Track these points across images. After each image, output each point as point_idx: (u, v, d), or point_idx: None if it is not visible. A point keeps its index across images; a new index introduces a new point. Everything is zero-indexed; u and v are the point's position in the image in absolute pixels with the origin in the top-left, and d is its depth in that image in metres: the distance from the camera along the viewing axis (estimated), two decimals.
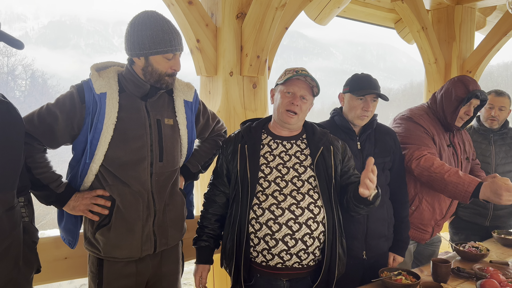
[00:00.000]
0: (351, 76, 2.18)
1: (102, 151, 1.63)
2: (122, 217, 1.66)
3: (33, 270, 1.44)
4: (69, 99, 1.64)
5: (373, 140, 2.15)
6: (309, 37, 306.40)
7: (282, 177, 1.72)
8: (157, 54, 1.61)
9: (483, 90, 2.34)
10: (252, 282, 1.74)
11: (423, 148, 2.24)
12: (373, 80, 2.09)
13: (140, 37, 1.60)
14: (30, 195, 1.52)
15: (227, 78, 2.66)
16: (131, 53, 1.65)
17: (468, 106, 2.34)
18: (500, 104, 2.76)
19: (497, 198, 1.97)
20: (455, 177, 2.08)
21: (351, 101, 2.09)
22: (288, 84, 1.77)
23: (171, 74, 1.68)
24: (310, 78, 1.75)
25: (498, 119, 2.78)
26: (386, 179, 2.16)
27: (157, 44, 1.60)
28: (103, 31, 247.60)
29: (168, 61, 1.65)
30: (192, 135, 1.88)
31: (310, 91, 1.78)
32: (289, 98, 1.76)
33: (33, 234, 1.48)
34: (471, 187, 2.03)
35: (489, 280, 1.79)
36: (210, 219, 1.87)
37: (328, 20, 4.35)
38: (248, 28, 2.64)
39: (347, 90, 2.12)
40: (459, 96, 2.32)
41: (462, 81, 2.34)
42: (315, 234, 1.67)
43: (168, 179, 1.76)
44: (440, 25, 4.44)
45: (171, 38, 1.62)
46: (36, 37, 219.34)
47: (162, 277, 1.84)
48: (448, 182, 2.08)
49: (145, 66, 1.65)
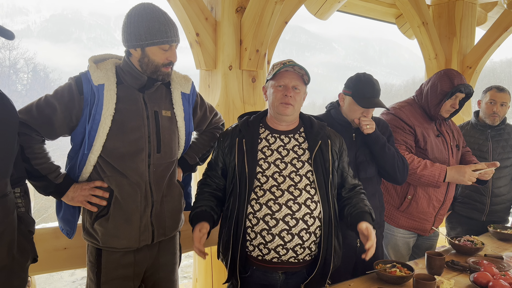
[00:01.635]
0: (354, 76, 2.17)
1: (100, 142, 1.65)
2: (120, 207, 1.69)
3: (29, 259, 1.46)
4: (67, 91, 1.65)
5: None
6: (311, 32, 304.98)
7: (280, 172, 1.73)
8: (153, 45, 1.63)
9: (468, 84, 2.39)
10: (248, 274, 1.76)
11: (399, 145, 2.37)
12: (376, 86, 2.10)
13: (137, 28, 1.62)
14: (26, 186, 1.54)
15: (226, 72, 2.67)
16: (128, 44, 1.66)
17: (454, 99, 2.41)
18: (502, 100, 2.77)
19: (461, 177, 2.31)
20: (426, 170, 2.32)
21: (352, 105, 2.12)
22: (278, 78, 1.77)
23: (168, 65, 1.69)
24: (298, 67, 1.75)
25: (499, 115, 2.80)
26: (377, 168, 2.22)
27: (153, 35, 1.61)
28: (105, 25, 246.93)
29: (165, 52, 1.66)
30: (190, 127, 1.89)
31: (301, 80, 1.79)
32: (282, 91, 1.76)
33: (30, 224, 1.50)
34: (441, 176, 2.32)
35: (482, 272, 1.82)
36: (204, 193, 1.83)
37: (329, 14, 4.34)
38: (248, 22, 2.64)
39: (349, 94, 2.12)
40: (444, 90, 2.38)
41: (448, 75, 2.39)
42: (312, 229, 1.68)
43: (165, 170, 1.78)
44: (441, 20, 4.43)
45: (167, 29, 1.63)
46: (38, 30, 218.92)
47: (160, 267, 1.86)
48: (421, 176, 2.33)
49: (142, 57, 1.66)
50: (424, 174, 2.31)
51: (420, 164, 2.33)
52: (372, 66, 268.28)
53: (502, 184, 2.84)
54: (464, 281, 1.90)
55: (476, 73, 4.34)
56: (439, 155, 2.43)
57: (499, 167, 2.81)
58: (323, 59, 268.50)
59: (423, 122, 2.46)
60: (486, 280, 1.76)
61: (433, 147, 2.42)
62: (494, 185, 2.81)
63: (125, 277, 1.75)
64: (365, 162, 2.15)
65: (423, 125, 2.44)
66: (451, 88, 2.35)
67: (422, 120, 2.46)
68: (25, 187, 1.52)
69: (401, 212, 2.49)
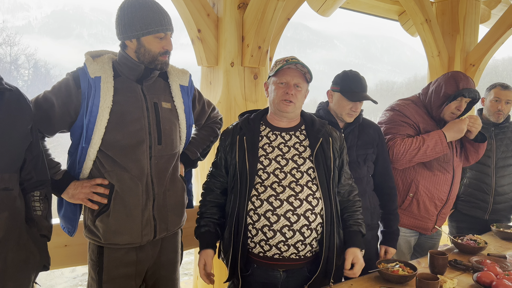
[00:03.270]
0: (341, 73, 2.20)
1: (99, 135, 1.63)
2: (122, 202, 1.67)
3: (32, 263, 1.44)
4: (64, 86, 1.65)
5: (357, 132, 2.21)
6: (313, 29, 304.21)
7: (281, 169, 1.72)
8: (148, 35, 1.63)
9: (475, 89, 2.34)
10: (249, 272, 1.75)
11: (397, 136, 2.36)
12: (363, 82, 2.14)
13: (131, 19, 1.62)
14: (49, 191, 1.55)
15: (228, 68, 2.65)
16: (123, 36, 1.66)
17: (459, 101, 2.36)
18: (507, 98, 2.74)
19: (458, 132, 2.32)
20: (427, 142, 2.30)
21: (340, 100, 2.14)
22: (280, 75, 1.76)
23: (164, 53, 1.69)
24: (301, 65, 1.74)
25: (504, 112, 2.77)
26: (369, 170, 2.23)
27: (147, 25, 1.61)
28: (106, 21, 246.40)
29: (160, 41, 1.66)
30: (190, 120, 1.89)
31: (303, 78, 1.78)
32: (283, 88, 1.75)
33: (43, 228, 1.50)
34: (442, 139, 2.30)
35: (485, 272, 1.80)
36: (208, 205, 1.86)
37: (331, 11, 4.31)
38: (250, 19, 2.62)
39: (337, 90, 2.15)
40: (447, 93, 2.34)
41: (455, 78, 2.35)
42: (313, 225, 1.68)
43: (167, 163, 1.77)
44: (444, 18, 4.39)
45: (161, 17, 1.63)
46: (39, 26, 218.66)
47: (161, 266, 1.85)
48: (426, 149, 2.30)
49: (138, 48, 1.66)
50: (429, 145, 2.28)
51: (418, 140, 2.31)
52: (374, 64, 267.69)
53: (505, 183, 2.82)
54: (467, 281, 1.89)
55: (480, 71, 4.31)
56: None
57: (501, 166, 2.80)
58: (324, 56, 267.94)
59: (428, 119, 2.44)
60: (489, 280, 1.75)
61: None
62: (497, 184, 2.79)
63: (127, 275, 1.73)
64: (355, 162, 2.16)
65: (427, 123, 2.42)
66: (455, 91, 2.32)
67: (426, 117, 2.44)
68: (47, 191, 1.53)
69: (402, 210, 2.48)
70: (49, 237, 1.54)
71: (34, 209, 1.47)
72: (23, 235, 1.41)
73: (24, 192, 1.47)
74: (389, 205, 2.28)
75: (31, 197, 1.48)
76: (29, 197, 1.48)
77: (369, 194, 2.23)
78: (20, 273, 1.40)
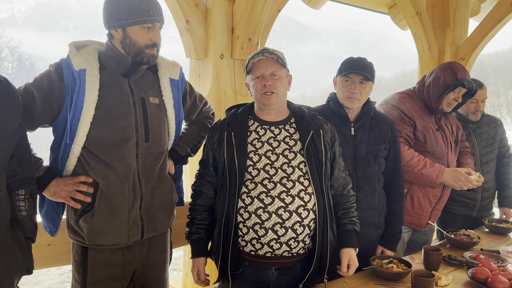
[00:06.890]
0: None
1: (83, 131, 1.55)
2: (107, 201, 1.60)
3: (15, 267, 1.35)
4: (46, 78, 1.56)
5: (368, 127, 2.10)
6: (302, 23, 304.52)
7: (271, 164, 1.67)
8: (134, 25, 1.55)
9: (472, 80, 2.34)
10: (239, 271, 1.71)
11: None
12: (363, 62, 2.02)
13: (117, 7, 1.53)
14: (34, 189, 1.47)
15: (218, 61, 2.58)
16: (109, 25, 1.58)
17: (458, 92, 2.37)
18: (483, 97, 2.78)
19: (454, 183, 2.29)
20: (425, 170, 2.29)
21: (340, 83, 2.08)
22: (254, 70, 1.72)
23: (151, 46, 1.60)
24: (268, 53, 1.69)
25: (481, 110, 2.81)
26: (380, 167, 2.11)
27: (134, 14, 1.53)
28: (92, 14, 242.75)
29: (147, 32, 1.57)
30: (180, 115, 1.81)
31: (278, 64, 1.72)
32: (260, 81, 1.71)
33: (29, 230, 1.41)
34: (439, 178, 2.29)
35: (480, 268, 1.79)
36: (198, 210, 1.80)
37: (322, 4, 4.26)
38: (240, 9, 2.56)
39: (339, 73, 2.09)
40: (447, 83, 2.34)
41: (452, 68, 2.35)
42: (306, 222, 1.64)
43: (155, 161, 1.70)
44: (435, 11, 4.37)
45: (149, 7, 1.55)
46: (23, 19, 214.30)
47: (149, 266, 1.78)
48: (418, 174, 2.30)
49: (123, 38, 1.57)
50: (423, 173, 2.27)
51: (420, 163, 2.29)
52: None
53: (490, 179, 2.86)
54: (462, 277, 1.87)
55: (469, 65, 4.31)
56: (438, 148, 2.39)
57: (485, 162, 2.85)
58: (313, 50, 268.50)
59: (423, 115, 2.42)
60: (484, 276, 1.73)
61: (432, 141, 2.38)
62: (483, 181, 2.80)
63: (113, 277, 1.66)
64: (365, 160, 2.05)
65: (423, 118, 2.40)
66: (454, 81, 2.31)
67: (422, 113, 2.42)
68: (32, 190, 1.44)
69: None
70: (34, 239, 1.46)
71: (19, 209, 1.38)
72: (8, 239, 1.32)
73: (8, 191, 1.37)
74: (394, 206, 2.15)
75: (16, 195, 1.39)
76: (13, 196, 1.39)
77: (379, 193, 2.11)
78: (3, 279, 1.31)
